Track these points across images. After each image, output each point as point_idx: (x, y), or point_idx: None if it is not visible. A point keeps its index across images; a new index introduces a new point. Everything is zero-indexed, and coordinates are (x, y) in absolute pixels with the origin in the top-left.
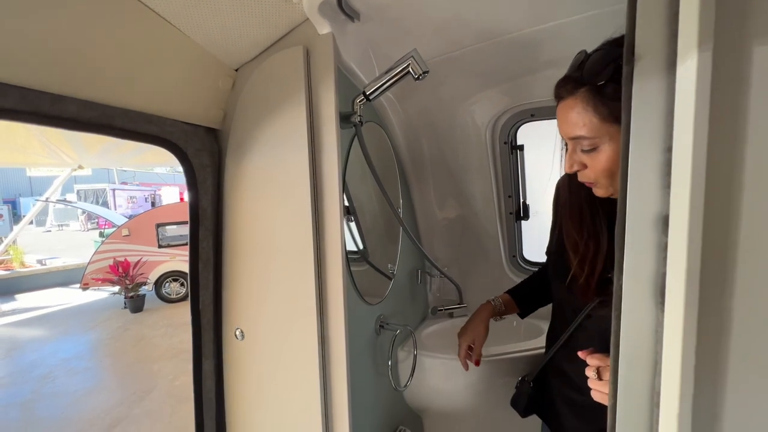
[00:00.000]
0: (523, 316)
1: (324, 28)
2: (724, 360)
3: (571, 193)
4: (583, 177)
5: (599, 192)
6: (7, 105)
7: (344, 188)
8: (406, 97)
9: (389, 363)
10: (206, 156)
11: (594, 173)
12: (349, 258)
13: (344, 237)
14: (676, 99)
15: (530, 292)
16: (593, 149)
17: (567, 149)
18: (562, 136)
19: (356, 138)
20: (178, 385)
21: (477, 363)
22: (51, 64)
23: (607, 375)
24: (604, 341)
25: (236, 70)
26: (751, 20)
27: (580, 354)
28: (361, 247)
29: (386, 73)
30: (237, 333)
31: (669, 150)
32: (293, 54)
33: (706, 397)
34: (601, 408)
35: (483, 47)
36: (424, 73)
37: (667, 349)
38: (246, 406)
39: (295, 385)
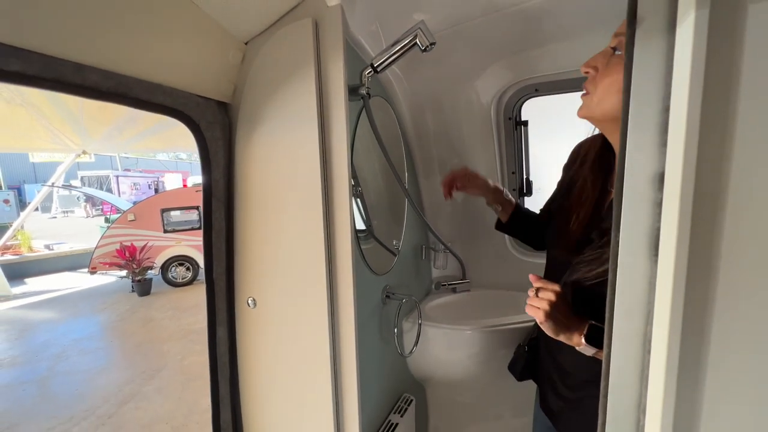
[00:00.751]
0: (504, 226)
1: (333, 0)
2: (710, 308)
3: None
4: (588, 82)
5: (582, 108)
6: (30, 71)
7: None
8: (411, 71)
9: (395, 330)
10: (218, 129)
11: (600, 79)
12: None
13: (353, 206)
14: (675, 59)
15: (528, 219)
16: (621, 54)
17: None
18: (613, 35)
19: (363, 111)
20: (187, 364)
21: (449, 190)
22: (73, 33)
23: (543, 294)
24: (585, 307)
25: (246, 44)
26: None
27: (530, 277)
28: (365, 220)
29: (393, 44)
30: (249, 301)
31: (667, 110)
32: (302, 27)
33: (692, 343)
34: (583, 373)
35: (489, 19)
36: (431, 44)
37: (659, 299)
38: (258, 370)
39: (306, 350)
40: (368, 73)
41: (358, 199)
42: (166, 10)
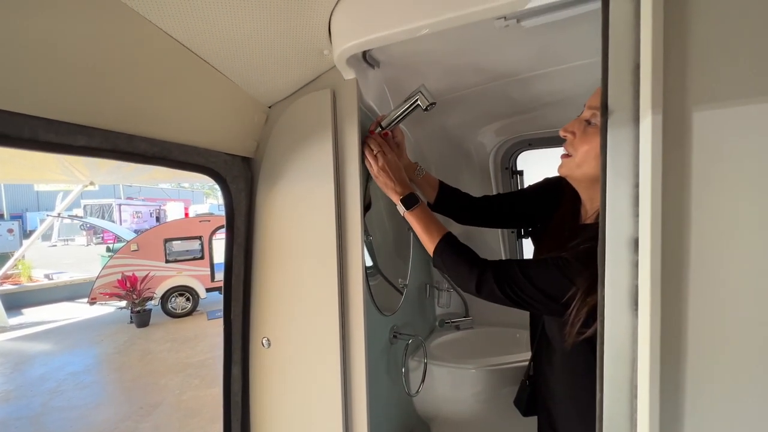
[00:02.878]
0: (433, 207)
1: (349, 74)
2: (683, 354)
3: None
4: (567, 144)
5: (563, 167)
6: (93, 144)
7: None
8: (416, 125)
9: (403, 370)
10: (242, 182)
11: (577, 145)
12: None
13: (364, 256)
14: (639, 148)
15: (456, 196)
16: (595, 126)
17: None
18: (585, 106)
19: None
20: (186, 399)
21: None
22: (126, 109)
23: (380, 155)
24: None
25: (269, 107)
26: (689, 89)
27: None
28: (373, 260)
29: (398, 107)
30: (264, 341)
31: (637, 185)
32: (322, 96)
33: (671, 386)
34: (571, 403)
35: (488, 88)
36: (431, 104)
37: (641, 347)
38: (270, 409)
39: (318, 390)
40: (378, 131)
41: (368, 244)
42: (200, 82)
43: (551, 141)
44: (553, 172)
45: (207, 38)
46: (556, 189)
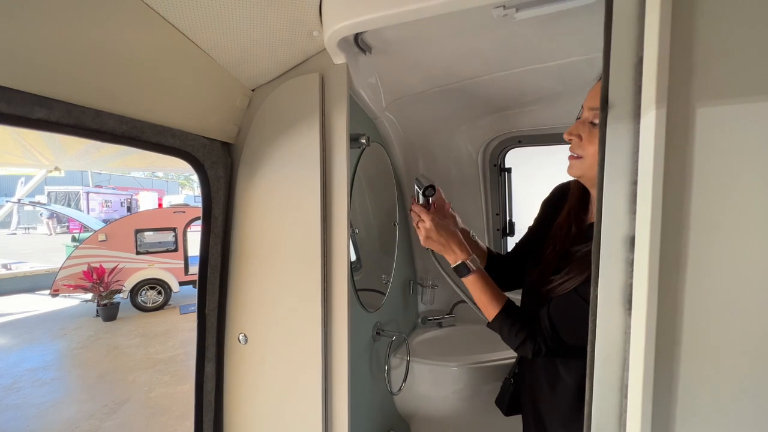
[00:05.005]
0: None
1: (339, 59)
2: (677, 355)
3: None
4: (574, 146)
5: (573, 168)
6: (52, 118)
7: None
8: (406, 119)
9: (386, 368)
10: (220, 168)
11: (586, 146)
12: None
13: (349, 248)
14: (640, 144)
15: (500, 262)
16: (595, 131)
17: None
18: (584, 107)
19: (361, 157)
20: (154, 397)
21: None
22: (93, 82)
23: (420, 224)
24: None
25: (253, 90)
26: (694, 85)
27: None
28: (355, 257)
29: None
30: (240, 337)
31: (635, 183)
32: (310, 80)
33: (664, 387)
34: (557, 406)
35: (479, 81)
36: (429, 186)
37: (633, 348)
38: (245, 408)
39: (297, 389)
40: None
41: (353, 237)
42: (179, 59)
43: (542, 139)
44: (541, 171)
45: (187, 11)
46: (562, 194)
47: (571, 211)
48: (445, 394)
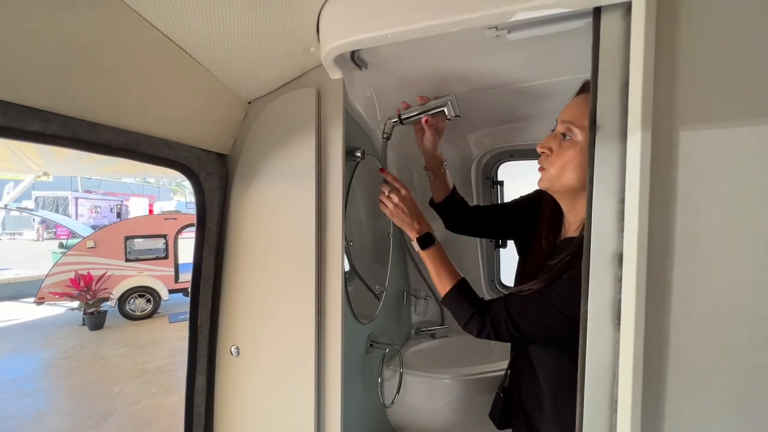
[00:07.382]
0: (437, 206)
1: (336, 74)
2: (665, 370)
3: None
4: (543, 159)
5: (542, 180)
6: (48, 131)
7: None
8: (401, 131)
9: (379, 380)
10: (216, 179)
11: (554, 159)
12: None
13: (344, 260)
14: (627, 164)
15: (461, 206)
16: (570, 140)
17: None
18: (558, 120)
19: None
20: (141, 408)
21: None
22: (89, 94)
23: (393, 194)
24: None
25: (249, 103)
26: (678, 108)
27: (385, 175)
28: (349, 267)
29: (424, 105)
30: (232, 349)
31: (622, 201)
32: (306, 94)
33: (652, 402)
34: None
35: (471, 97)
36: (456, 116)
37: (623, 363)
38: (236, 422)
39: (289, 402)
40: (393, 121)
41: (347, 249)
42: (176, 72)
43: (533, 153)
44: (532, 184)
45: (184, 24)
46: (540, 200)
47: (543, 227)
48: (438, 406)
